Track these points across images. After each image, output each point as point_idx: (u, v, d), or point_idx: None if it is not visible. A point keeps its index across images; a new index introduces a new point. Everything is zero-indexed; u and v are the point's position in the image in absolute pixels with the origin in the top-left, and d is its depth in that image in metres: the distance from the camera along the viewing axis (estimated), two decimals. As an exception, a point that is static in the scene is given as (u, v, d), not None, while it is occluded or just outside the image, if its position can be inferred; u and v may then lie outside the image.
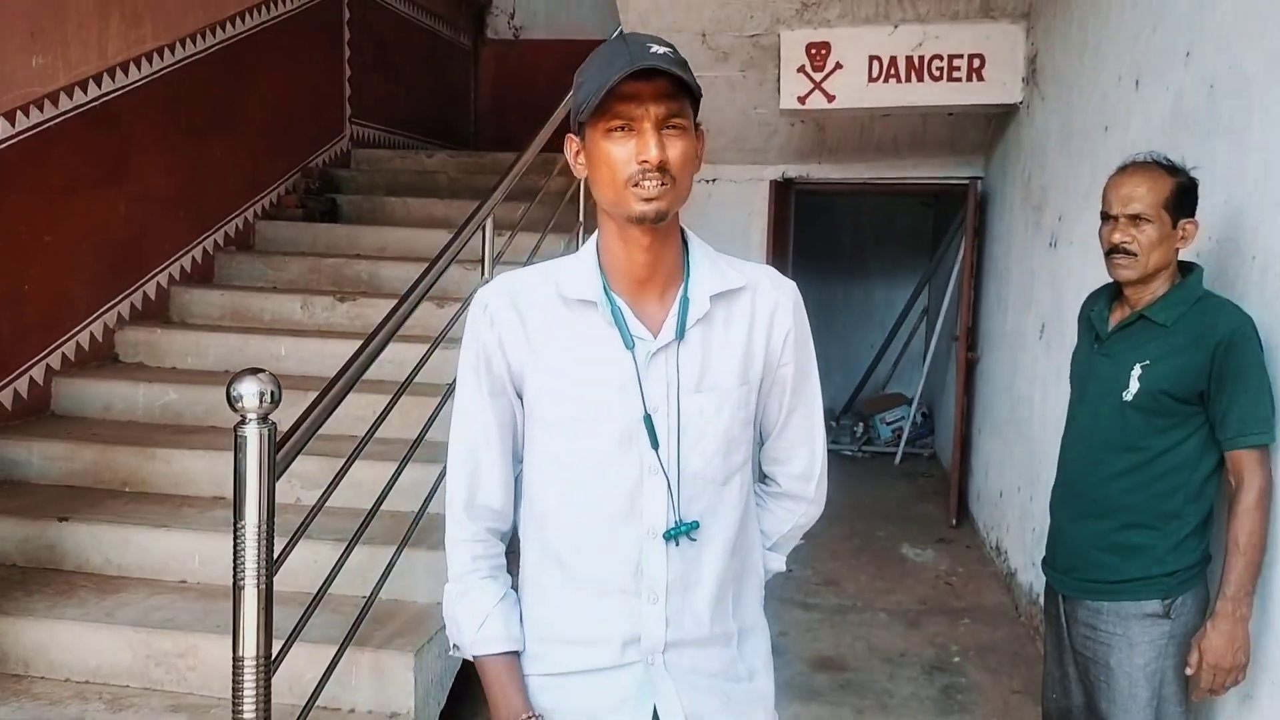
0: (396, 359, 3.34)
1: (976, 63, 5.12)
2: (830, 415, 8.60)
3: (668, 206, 1.36)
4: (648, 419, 1.42)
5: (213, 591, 3.27)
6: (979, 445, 5.91)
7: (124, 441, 3.93)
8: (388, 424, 2.97)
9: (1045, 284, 4.41)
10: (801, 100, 5.29)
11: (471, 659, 1.50)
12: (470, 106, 9.10)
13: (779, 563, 1.70)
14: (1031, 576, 4.38)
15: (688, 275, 1.47)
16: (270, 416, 2.19)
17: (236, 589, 2.16)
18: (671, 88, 1.33)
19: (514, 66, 9.17)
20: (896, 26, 5.13)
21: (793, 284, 1.57)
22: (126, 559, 3.40)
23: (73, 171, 4.33)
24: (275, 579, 2.18)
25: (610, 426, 1.43)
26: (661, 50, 1.35)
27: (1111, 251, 2.27)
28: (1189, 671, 2.18)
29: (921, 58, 5.15)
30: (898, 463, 7.58)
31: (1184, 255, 2.37)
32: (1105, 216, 2.29)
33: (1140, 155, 2.33)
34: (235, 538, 2.16)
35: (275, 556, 2.23)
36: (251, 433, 2.16)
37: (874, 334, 8.77)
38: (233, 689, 2.19)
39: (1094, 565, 2.31)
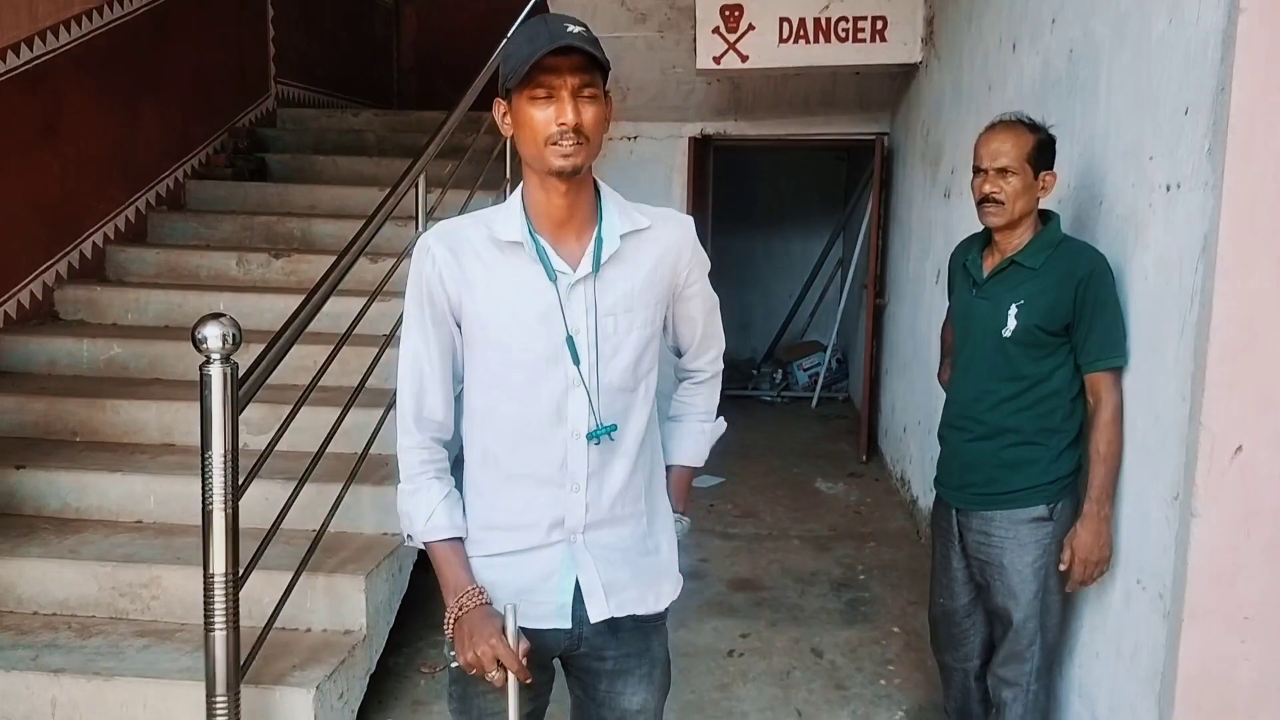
0: (333, 312, 3.54)
1: (879, 24, 5.43)
2: (751, 364, 8.98)
3: (582, 161, 1.64)
4: (570, 340, 1.69)
5: (170, 530, 3.49)
6: (886, 385, 6.30)
7: (72, 394, 4.09)
8: (329, 373, 3.20)
9: (941, 232, 4.76)
10: (717, 60, 5.56)
11: (423, 545, 1.76)
12: (393, 65, 9.18)
13: (722, 425, 2.06)
14: (931, 502, 4.78)
15: (601, 219, 1.75)
16: (231, 357, 2.42)
17: (206, 513, 2.41)
18: (585, 62, 1.60)
19: (436, 24, 9.26)
20: (805, -11, 5.41)
21: (690, 219, 1.87)
22: (84, 502, 3.59)
23: (7, 134, 4.41)
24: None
25: (538, 347, 1.70)
26: (577, 30, 1.60)
27: (982, 201, 2.58)
28: (1062, 567, 2.52)
29: (829, 19, 5.45)
30: (814, 406, 7.98)
31: (1046, 203, 2.70)
32: (976, 170, 2.61)
33: (1006, 115, 2.65)
34: (204, 466, 2.39)
35: (239, 483, 2.47)
36: (216, 371, 2.39)
37: (793, 284, 9.14)
38: (204, 604, 2.45)
39: (987, 480, 2.63)
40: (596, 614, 1.73)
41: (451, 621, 1.67)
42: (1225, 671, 2.12)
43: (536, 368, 1.71)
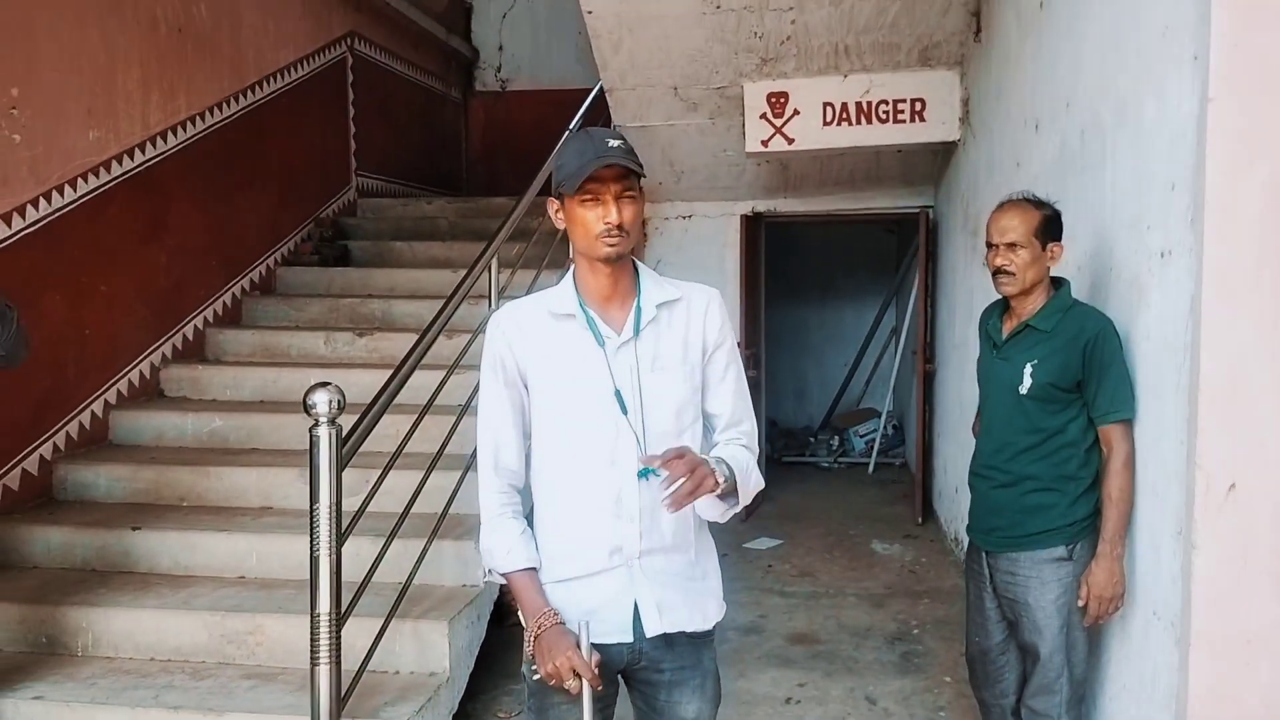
0: (413, 385, 3.89)
1: (918, 105, 5.78)
2: (808, 432, 9.21)
3: (624, 250, 2.00)
4: (617, 393, 2.02)
5: (270, 583, 3.83)
6: (939, 448, 6.50)
7: (178, 463, 4.50)
8: (411, 440, 3.54)
9: (982, 299, 4.99)
10: (765, 144, 5.93)
11: (502, 577, 2.06)
12: (461, 155, 9.74)
13: (761, 481, 2.21)
14: (981, 557, 4.96)
15: (639, 292, 2.08)
16: (336, 420, 2.76)
17: (313, 558, 2.73)
18: (624, 171, 1.95)
19: (501, 116, 9.83)
20: (846, 76, 5.78)
21: (716, 291, 2.18)
22: (192, 560, 3.96)
23: (122, 229, 4.91)
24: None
25: (591, 400, 2.03)
26: (616, 144, 1.97)
27: (996, 273, 2.87)
28: (1080, 604, 2.75)
29: (870, 102, 5.80)
30: (871, 472, 8.17)
31: (1063, 271, 2.98)
32: (989, 245, 2.90)
33: (1013, 194, 2.94)
34: (311, 516, 2.73)
35: (342, 533, 2.80)
36: (323, 432, 2.74)
37: (846, 353, 9.39)
38: (311, 640, 2.76)
39: (1011, 523, 2.87)
40: (652, 629, 2.02)
41: (532, 639, 1.96)
42: (1232, 691, 2.32)
43: (591, 417, 2.03)
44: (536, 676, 1.97)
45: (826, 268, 9.71)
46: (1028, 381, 2.80)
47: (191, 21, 5.39)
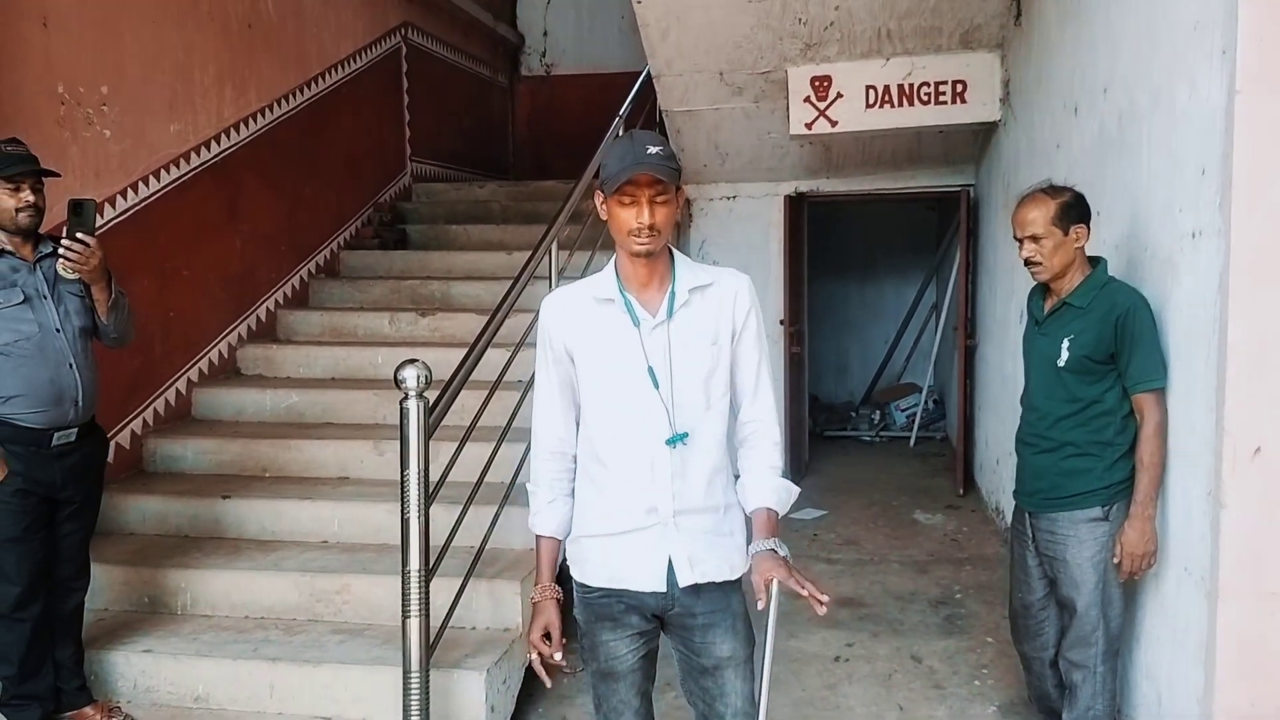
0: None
1: (959, 87, 5.91)
2: (849, 406, 9.40)
3: (655, 248, 2.20)
4: (650, 370, 2.24)
5: (352, 548, 4.11)
6: (980, 421, 6.67)
7: (259, 436, 4.79)
8: (473, 413, 3.77)
9: (1023, 277, 5.13)
10: (809, 126, 6.10)
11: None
12: (509, 139, 9.98)
13: (795, 488, 2.39)
14: (1021, 526, 5.14)
15: (674, 278, 2.30)
16: (424, 394, 3.01)
17: (404, 519, 3.00)
18: (659, 176, 2.16)
19: (546, 100, 10.05)
20: (888, 60, 5.93)
21: (746, 277, 2.38)
22: (279, 526, 4.24)
23: (201, 216, 5.20)
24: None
25: (627, 375, 2.25)
26: (655, 150, 2.16)
27: (1026, 263, 3.06)
28: (1114, 561, 2.95)
29: (911, 85, 5.95)
30: (912, 445, 8.33)
31: (1098, 249, 3.16)
32: (1016, 239, 3.09)
33: (1029, 188, 3.12)
34: (402, 481, 2.98)
35: (429, 494, 3.05)
36: (413, 405, 2.99)
37: (888, 329, 9.55)
38: (402, 594, 3.03)
39: (1051, 486, 3.07)
40: (684, 580, 2.25)
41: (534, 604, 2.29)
42: (1258, 639, 2.51)
43: (627, 391, 2.26)
44: (584, 617, 2.35)
45: (867, 245, 9.85)
46: (1065, 355, 3.00)
47: (260, 18, 5.65)
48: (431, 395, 3.28)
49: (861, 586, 5.06)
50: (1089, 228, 2.99)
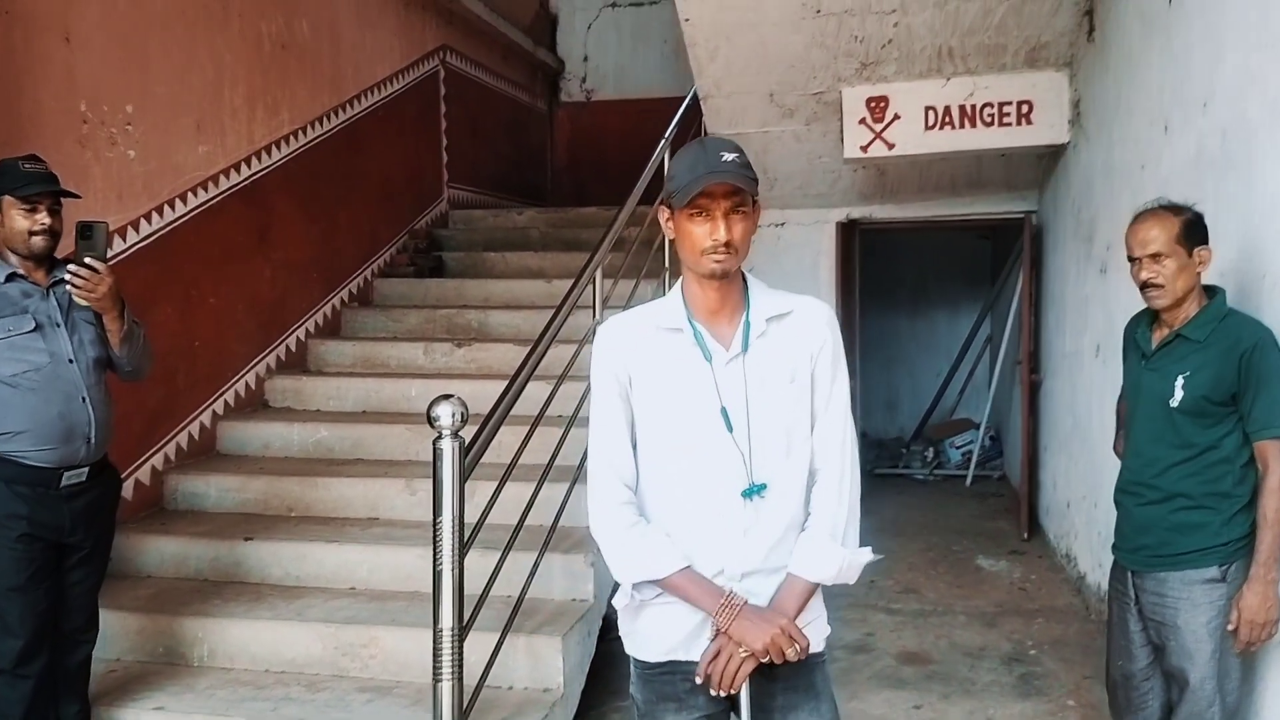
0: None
1: (1025, 108, 5.60)
2: (900, 443, 9.03)
3: (730, 268, 1.93)
4: (724, 411, 1.94)
5: (381, 595, 3.83)
6: (1046, 461, 6.29)
7: (286, 473, 4.53)
8: (514, 451, 3.50)
9: (1098, 308, 4.84)
10: (864, 149, 5.81)
11: (656, 585, 1.97)
12: (547, 165, 9.77)
13: (865, 554, 2.04)
14: (1100, 577, 4.77)
15: (748, 306, 2.01)
16: (459, 433, 2.73)
17: (436, 571, 2.71)
18: (736, 187, 1.87)
19: (586, 126, 9.85)
20: (949, 79, 5.63)
21: (828, 305, 2.09)
22: (303, 571, 3.97)
23: (229, 242, 4.98)
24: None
25: (697, 417, 1.96)
26: (730, 157, 1.89)
27: (1144, 287, 2.72)
28: (1229, 628, 2.60)
29: (973, 106, 5.65)
30: (968, 484, 7.95)
31: (1207, 277, 2.82)
32: (1131, 259, 2.75)
33: (1149, 203, 2.79)
34: (435, 529, 2.70)
35: (465, 542, 2.76)
36: (447, 445, 2.71)
37: (939, 362, 9.18)
38: (433, 656, 2.74)
39: (1160, 542, 2.73)
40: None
41: (728, 624, 1.89)
42: None
43: (696, 434, 1.96)
44: (643, 697, 2.01)
45: (918, 274, 9.53)
46: (1179, 394, 2.66)
47: (294, 38, 5.46)
48: (469, 432, 3.00)
49: (926, 640, 4.69)
50: (1210, 253, 2.67)
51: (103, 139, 4.16)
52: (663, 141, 5.57)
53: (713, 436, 1.95)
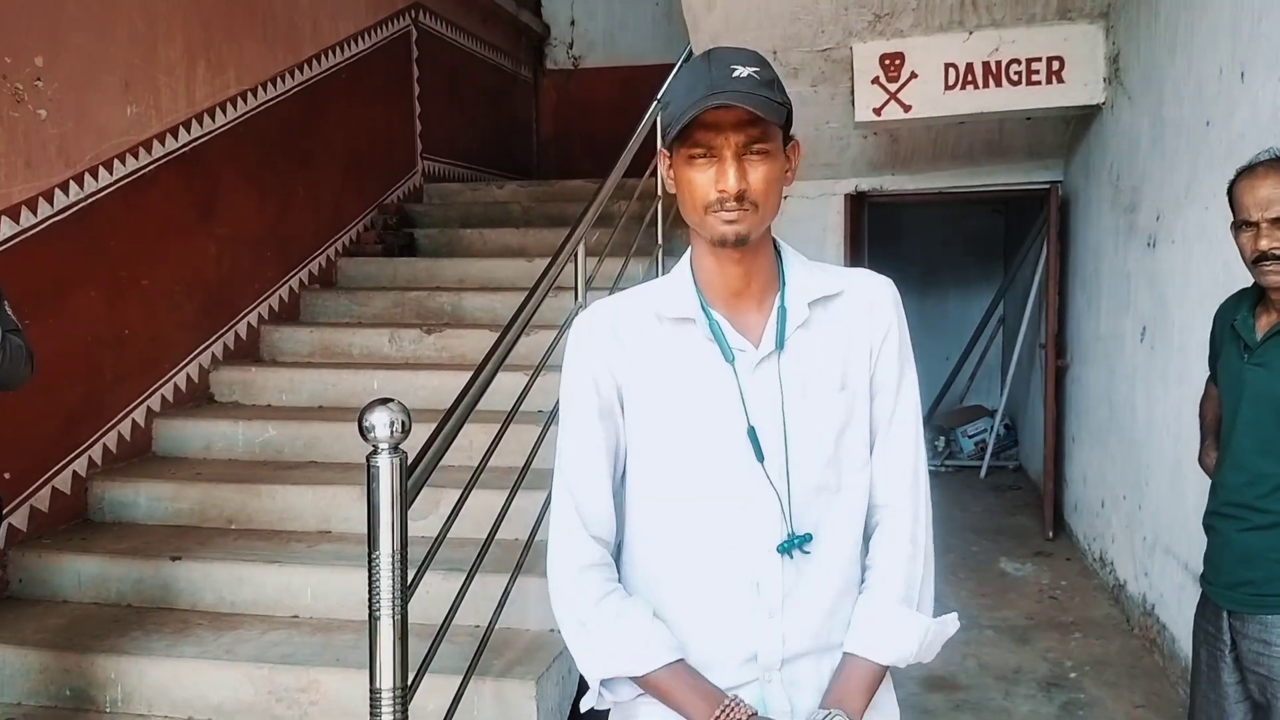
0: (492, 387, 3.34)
1: (1055, 65, 5.05)
2: (909, 430, 8.50)
3: (748, 230, 1.36)
4: (752, 432, 1.40)
5: (328, 625, 3.28)
6: (1074, 454, 5.77)
7: (227, 479, 3.98)
8: (479, 452, 2.97)
9: (1144, 285, 4.30)
10: (877, 112, 5.26)
11: (634, 683, 1.43)
12: (532, 136, 9.18)
13: (950, 624, 1.52)
14: (1144, 587, 4.25)
15: (784, 284, 1.46)
16: (400, 446, 2.18)
17: (372, 619, 2.15)
18: (751, 115, 1.31)
19: (573, 95, 9.25)
20: (971, 33, 5.08)
21: (889, 281, 1.54)
22: (239, 596, 3.42)
23: (166, 216, 4.41)
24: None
25: (715, 442, 1.41)
26: (745, 73, 1.33)
27: (1259, 259, 2.16)
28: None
29: (999, 63, 5.09)
30: (983, 476, 7.43)
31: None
32: (1243, 224, 2.20)
33: (1263, 154, 2.23)
34: (370, 568, 2.15)
35: (408, 584, 2.22)
36: (384, 462, 2.15)
37: (948, 346, 8.63)
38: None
39: (1268, 578, 2.19)
40: None
41: None
42: None
43: (714, 467, 1.42)
44: None
45: (926, 252, 8.97)
46: (1295, 395, 2.13)
47: (241, -13, 4.88)
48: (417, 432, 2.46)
49: (952, 661, 4.17)
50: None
51: (4, 95, 3.58)
52: (655, 103, 5.00)
53: (737, 469, 1.41)
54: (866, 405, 1.47)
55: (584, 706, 1.48)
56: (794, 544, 1.40)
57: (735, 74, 1.32)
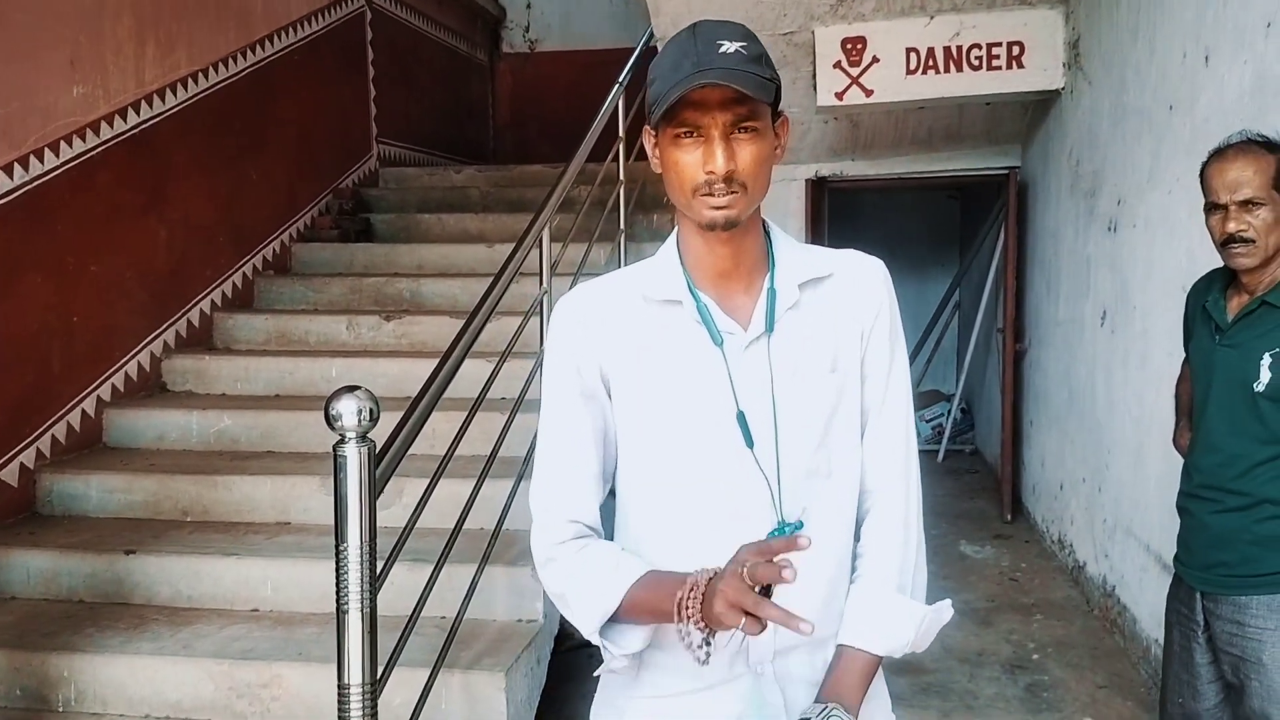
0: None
1: (1015, 50, 5.07)
2: (866, 415, 8.54)
3: (738, 213, 1.32)
4: (741, 417, 1.36)
5: (289, 619, 3.21)
6: (1032, 438, 5.82)
7: (182, 470, 3.88)
8: (447, 441, 2.91)
9: (1105, 270, 4.33)
10: (839, 96, 5.25)
11: (614, 607, 1.34)
12: (489, 120, 9.07)
13: (944, 611, 1.50)
14: (1104, 569, 4.30)
15: (773, 266, 1.42)
16: (369, 435, 2.12)
17: (340, 613, 2.10)
18: (739, 93, 1.27)
19: (530, 79, 9.15)
20: (933, 17, 5.08)
21: (880, 263, 1.51)
22: (197, 590, 3.34)
23: (115, 200, 4.29)
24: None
25: (703, 427, 1.37)
26: (732, 48, 1.28)
27: (1227, 242, 2.17)
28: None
29: (960, 47, 5.10)
30: (940, 460, 7.49)
31: None
32: (1213, 206, 2.20)
33: (1234, 136, 2.24)
34: (338, 561, 2.09)
35: (376, 576, 2.16)
36: (351, 452, 2.09)
37: (904, 331, 8.67)
38: (338, 716, 2.13)
39: (1242, 559, 2.20)
40: None
41: (694, 611, 1.24)
42: None
43: (703, 451, 1.37)
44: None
45: (883, 237, 8.98)
46: (1265, 375, 2.13)
47: (189, -36, 4.74)
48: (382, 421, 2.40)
49: (917, 645, 4.18)
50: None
51: (-58, 73, 3.46)
52: (616, 87, 4.94)
53: (725, 454, 1.36)
54: (857, 388, 1.44)
55: (597, 674, 1.44)
56: (784, 531, 1.35)
57: (722, 49, 1.27)
